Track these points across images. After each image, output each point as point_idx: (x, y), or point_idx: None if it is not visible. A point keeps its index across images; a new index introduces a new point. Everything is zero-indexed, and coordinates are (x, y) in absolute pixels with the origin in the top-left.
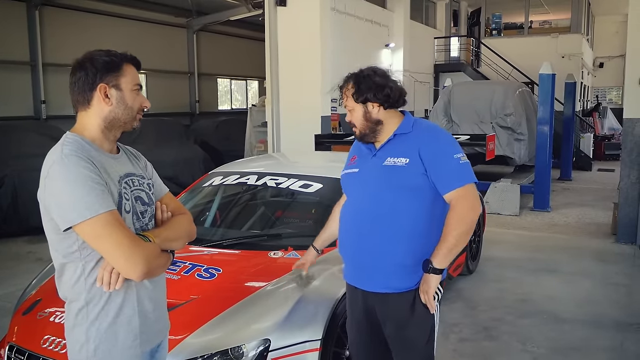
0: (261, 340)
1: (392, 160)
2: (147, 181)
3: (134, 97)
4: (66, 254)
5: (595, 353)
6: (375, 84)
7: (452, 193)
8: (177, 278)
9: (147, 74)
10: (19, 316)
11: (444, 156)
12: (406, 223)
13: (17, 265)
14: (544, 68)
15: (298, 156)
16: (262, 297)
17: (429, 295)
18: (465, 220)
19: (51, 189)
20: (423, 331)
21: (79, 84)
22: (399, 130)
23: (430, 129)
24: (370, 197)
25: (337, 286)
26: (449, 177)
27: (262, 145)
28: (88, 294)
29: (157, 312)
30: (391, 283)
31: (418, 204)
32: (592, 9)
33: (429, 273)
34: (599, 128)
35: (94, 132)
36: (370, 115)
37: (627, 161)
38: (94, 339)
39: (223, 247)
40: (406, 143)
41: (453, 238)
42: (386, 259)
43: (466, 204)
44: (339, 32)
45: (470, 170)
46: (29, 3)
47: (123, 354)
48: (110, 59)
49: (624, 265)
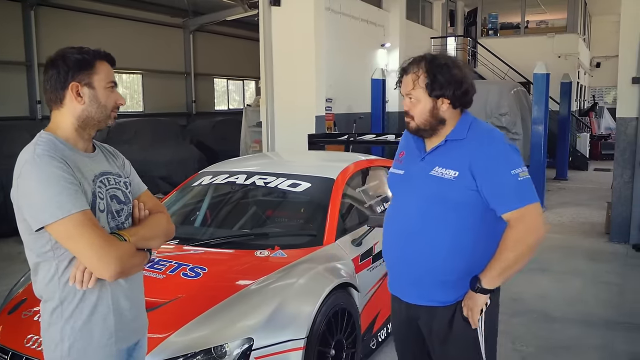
0: (244, 339)
1: (440, 170)
2: (123, 180)
3: (108, 95)
4: (39, 253)
5: (585, 352)
6: (454, 77)
7: (511, 214)
8: (163, 277)
9: (144, 74)
10: (4, 315)
11: (500, 173)
12: (449, 238)
13: (8, 265)
14: (538, 68)
15: (290, 155)
16: (246, 296)
17: (474, 313)
18: (524, 243)
19: (23, 188)
20: (464, 351)
21: (51, 83)
22: (451, 135)
23: (485, 137)
24: (414, 207)
25: (322, 285)
26: (506, 197)
27: (257, 145)
28: (62, 292)
29: (133, 311)
30: (430, 296)
31: (464, 219)
32: (589, 9)
33: (475, 292)
34: (596, 128)
35: (68, 131)
36: (437, 112)
37: (620, 160)
38: (68, 337)
39: (210, 246)
40: (458, 151)
41: (508, 259)
42: (426, 272)
43: (526, 226)
44: (334, 32)
45: (531, 188)
46: (24, 3)
47: (98, 352)
48: (82, 56)
49: (616, 264)
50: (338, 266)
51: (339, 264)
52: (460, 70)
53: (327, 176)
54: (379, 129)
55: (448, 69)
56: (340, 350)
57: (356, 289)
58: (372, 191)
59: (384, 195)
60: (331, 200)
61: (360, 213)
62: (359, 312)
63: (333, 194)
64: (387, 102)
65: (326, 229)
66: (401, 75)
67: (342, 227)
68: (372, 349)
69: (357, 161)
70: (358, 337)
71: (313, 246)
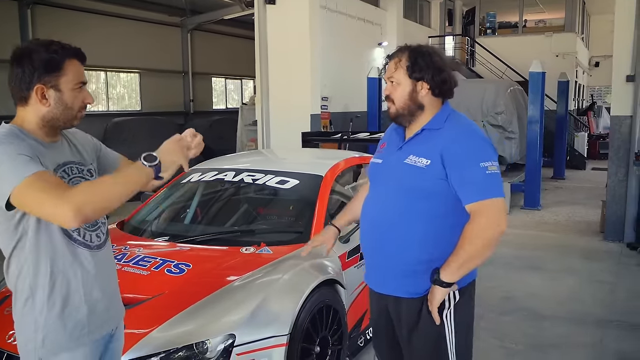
0: (226, 336)
1: (414, 159)
2: (87, 167)
3: (75, 96)
4: (11, 242)
5: (574, 350)
6: (434, 63)
7: (473, 205)
8: (147, 274)
9: (141, 73)
10: None
11: (469, 163)
12: (420, 228)
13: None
14: (534, 66)
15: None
16: (230, 292)
17: (433, 306)
18: (483, 237)
19: None
20: (432, 339)
21: (16, 81)
22: (428, 124)
23: (462, 128)
24: (388, 196)
25: (306, 282)
26: (471, 189)
27: (253, 143)
28: (33, 282)
29: (105, 301)
30: (401, 287)
31: (435, 209)
32: (587, 8)
33: (434, 284)
34: (594, 127)
35: (33, 127)
36: (416, 96)
37: (614, 159)
38: (42, 329)
39: (196, 243)
40: (433, 141)
41: (465, 253)
42: (396, 264)
43: (486, 219)
44: (330, 30)
45: (498, 183)
46: (20, 2)
47: (71, 344)
48: (50, 56)
49: (609, 263)
50: (324, 263)
51: (325, 261)
52: (441, 59)
53: (316, 173)
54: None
55: (429, 55)
56: (325, 347)
57: (342, 286)
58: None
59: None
60: (319, 197)
61: None
62: (345, 309)
63: (321, 190)
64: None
65: (313, 226)
66: (386, 62)
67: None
68: (360, 346)
69: (347, 158)
70: (344, 334)
71: (300, 243)
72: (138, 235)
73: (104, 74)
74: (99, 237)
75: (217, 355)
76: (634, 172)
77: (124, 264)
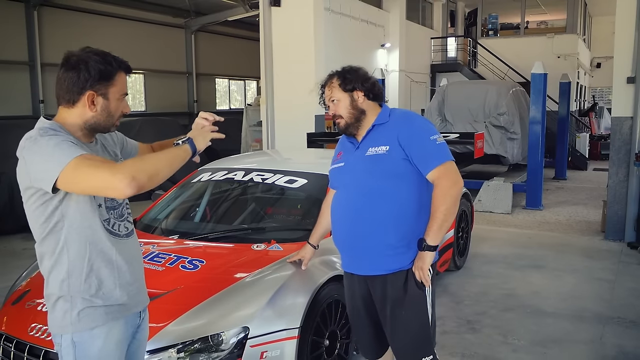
0: (240, 328)
1: (374, 149)
2: None
3: (117, 106)
4: (47, 225)
5: (575, 345)
6: (360, 75)
7: (433, 172)
8: (162, 269)
9: (145, 74)
10: (8, 306)
11: (421, 138)
12: (392, 208)
13: (13, 261)
14: (536, 67)
15: (288, 153)
16: (242, 287)
17: (424, 271)
18: (450, 195)
19: (29, 157)
20: (416, 312)
21: (67, 83)
22: (377, 121)
23: (405, 115)
24: (357, 187)
25: (315, 277)
26: (428, 157)
27: (258, 144)
28: (71, 266)
29: (136, 284)
30: (382, 265)
31: (403, 188)
32: (589, 10)
33: (423, 250)
34: (595, 128)
35: (74, 129)
36: (356, 104)
37: (615, 159)
38: (78, 306)
39: (208, 240)
40: (385, 132)
41: (441, 214)
42: (376, 242)
43: (448, 180)
44: (333, 32)
45: (447, 149)
46: (27, 3)
47: (106, 320)
48: (105, 67)
49: (609, 262)
50: (332, 259)
51: (333, 258)
52: (363, 70)
53: (324, 173)
54: None
55: (354, 70)
56: (334, 341)
57: None
58: None
59: None
60: None
61: None
62: None
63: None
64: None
65: None
66: (322, 92)
67: None
68: None
69: None
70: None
71: None
72: (150, 233)
73: None
74: (126, 227)
75: (231, 347)
76: (635, 173)
77: None
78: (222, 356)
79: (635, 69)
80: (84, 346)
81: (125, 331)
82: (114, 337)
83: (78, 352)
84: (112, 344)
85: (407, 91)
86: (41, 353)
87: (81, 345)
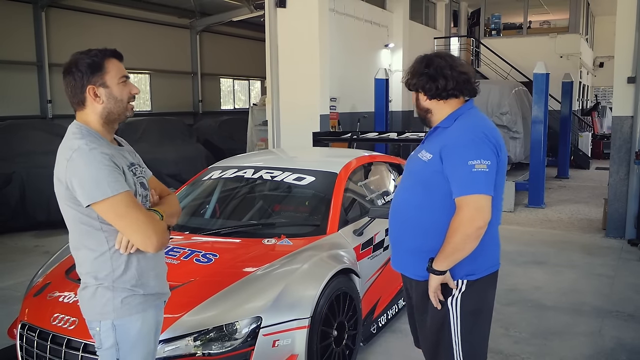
0: (253, 318)
1: (424, 153)
2: (143, 169)
3: (122, 89)
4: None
5: (574, 337)
6: (426, 75)
7: (458, 200)
8: (177, 263)
9: (151, 74)
10: (30, 298)
11: (459, 160)
12: (417, 215)
13: (25, 258)
14: (538, 67)
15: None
16: (255, 280)
17: (430, 291)
18: (461, 231)
19: (74, 170)
20: (435, 322)
21: (70, 88)
22: (441, 123)
23: (462, 127)
24: (404, 187)
25: (324, 270)
26: (458, 183)
27: (263, 143)
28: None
29: (163, 275)
30: (405, 267)
31: (428, 200)
32: (592, 9)
33: (427, 271)
34: (598, 127)
35: (96, 126)
36: (419, 103)
37: (615, 158)
38: (119, 294)
39: (221, 235)
40: (440, 138)
41: (449, 245)
42: (400, 243)
43: (465, 214)
44: (338, 32)
45: (482, 181)
46: (35, 5)
47: (144, 307)
48: (92, 60)
49: (610, 258)
50: (340, 253)
51: (341, 252)
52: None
53: (331, 170)
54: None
55: (419, 66)
56: (342, 332)
57: (357, 275)
58: (374, 185)
59: (385, 189)
60: (334, 193)
61: (362, 205)
62: (360, 297)
63: (336, 187)
64: (391, 102)
65: (329, 219)
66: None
67: (344, 218)
68: (373, 333)
69: (359, 157)
70: (359, 320)
71: (317, 235)
72: None
73: None
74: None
75: (244, 336)
76: (635, 171)
77: None
78: (235, 345)
79: (636, 68)
80: (123, 329)
81: (157, 315)
82: (149, 321)
83: (119, 336)
84: (147, 327)
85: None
86: (64, 341)
87: (121, 328)
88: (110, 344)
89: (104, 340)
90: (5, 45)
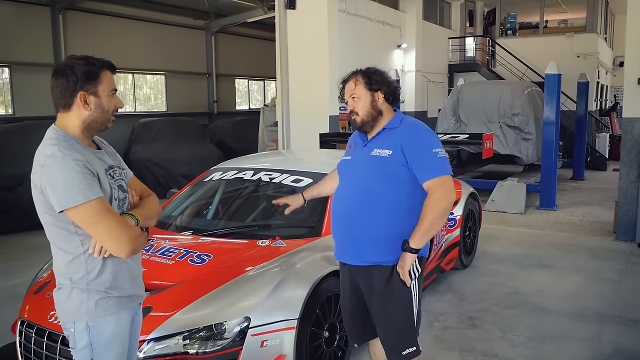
0: (242, 318)
1: (378, 151)
2: (123, 171)
3: (110, 101)
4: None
5: (572, 342)
6: (385, 77)
7: (429, 182)
8: (172, 263)
9: (167, 75)
10: (30, 295)
11: (424, 149)
12: (384, 207)
13: (36, 256)
14: (550, 68)
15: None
16: (246, 280)
17: (404, 271)
18: (440, 206)
19: (48, 176)
20: (400, 306)
21: (60, 90)
22: (388, 125)
23: (414, 125)
24: (357, 182)
25: (316, 271)
26: (427, 168)
27: (274, 144)
28: (90, 266)
29: (138, 278)
30: (367, 257)
31: (397, 191)
32: (611, 8)
33: (405, 251)
34: (617, 128)
35: (75, 131)
36: (376, 104)
37: (626, 160)
38: (94, 297)
39: (216, 236)
40: (392, 137)
41: (427, 222)
42: (364, 235)
43: (441, 192)
44: (348, 33)
45: (447, 164)
46: (53, 7)
47: (117, 309)
48: (89, 68)
49: (617, 262)
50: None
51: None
52: (387, 73)
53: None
54: None
55: (380, 72)
56: (333, 333)
57: None
58: None
59: None
60: None
61: None
62: None
63: None
64: (403, 102)
65: (325, 221)
66: (343, 86)
67: None
68: None
69: None
70: None
71: (312, 237)
72: (164, 229)
73: (131, 75)
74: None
75: (233, 335)
76: None
77: (151, 254)
78: (225, 344)
79: None
80: (97, 330)
81: (129, 317)
82: (122, 322)
83: (92, 336)
84: (121, 328)
85: (423, 91)
86: (59, 338)
87: (95, 329)
88: (84, 344)
89: (78, 341)
90: (23, 47)
